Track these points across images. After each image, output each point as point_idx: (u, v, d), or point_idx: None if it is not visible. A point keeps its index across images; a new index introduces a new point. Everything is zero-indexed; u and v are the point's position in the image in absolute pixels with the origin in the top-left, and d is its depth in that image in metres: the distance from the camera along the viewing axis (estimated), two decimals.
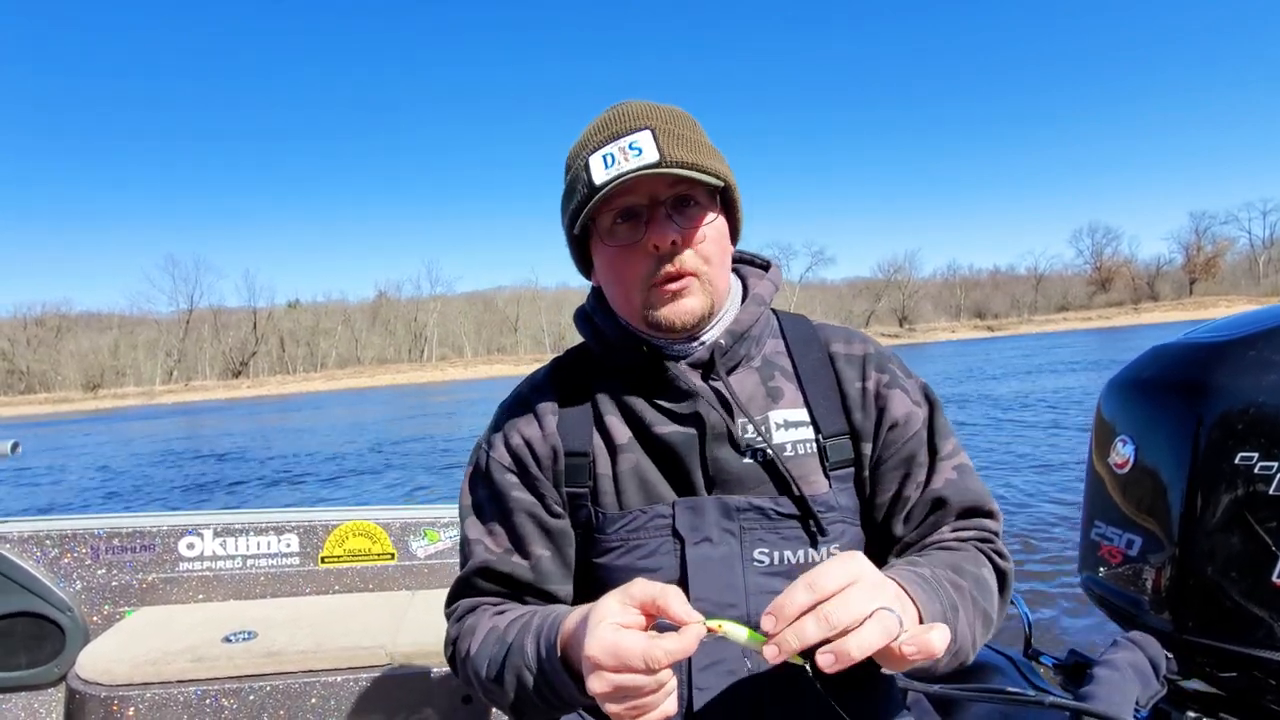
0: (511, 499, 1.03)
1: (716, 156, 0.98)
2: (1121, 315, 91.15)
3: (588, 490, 1.02)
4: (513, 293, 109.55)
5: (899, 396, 1.04)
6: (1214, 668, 1.35)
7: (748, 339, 1.03)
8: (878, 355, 1.08)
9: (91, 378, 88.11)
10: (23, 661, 2.04)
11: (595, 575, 1.02)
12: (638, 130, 0.93)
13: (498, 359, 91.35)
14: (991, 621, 0.98)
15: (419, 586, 2.24)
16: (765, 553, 0.97)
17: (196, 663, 1.77)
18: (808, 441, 1.01)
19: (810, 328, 1.12)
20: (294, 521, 2.20)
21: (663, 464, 1.01)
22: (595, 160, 0.93)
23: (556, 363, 1.13)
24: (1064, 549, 5.16)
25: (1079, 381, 19.22)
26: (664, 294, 0.96)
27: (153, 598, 2.15)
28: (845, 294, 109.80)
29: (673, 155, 0.92)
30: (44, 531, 2.12)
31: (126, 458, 17.90)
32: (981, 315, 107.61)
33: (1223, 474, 1.29)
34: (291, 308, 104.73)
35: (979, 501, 1.03)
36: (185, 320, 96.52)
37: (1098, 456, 1.57)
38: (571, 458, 1.02)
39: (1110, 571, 1.50)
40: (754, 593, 0.96)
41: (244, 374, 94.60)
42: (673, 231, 0.94)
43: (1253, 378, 1.29)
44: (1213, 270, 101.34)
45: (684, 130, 0.96)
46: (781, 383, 1.05)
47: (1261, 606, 1.24)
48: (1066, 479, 7.52)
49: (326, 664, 1.82)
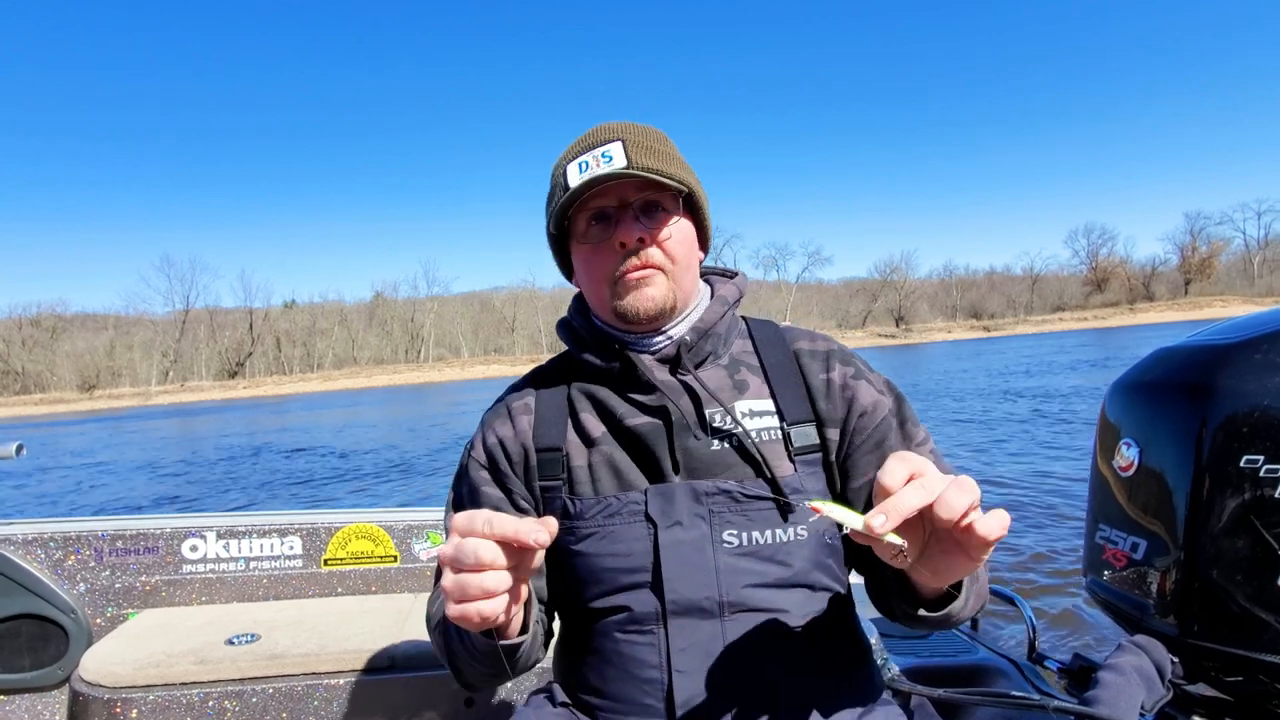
0: (482, 494, 1.11)
1: (683, 166, 1.08)
2: (1117, 316, 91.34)
3: (561, 482, 1.08)
4: (510, 293, 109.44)
5: (865, 387, 1.10)
6: (1220, 672, 1.35)
7: (713, 336, 1.11)
8: (840, 351, 1.15)
9: (87, 378, 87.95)
10: (26, 663, 2.04)
11: (572, 563, 1.07)
12: (610, 141, 1.03)
13: (495, 359, 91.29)
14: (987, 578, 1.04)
15: (422, 589, 2.24)
16: (734, 534, 1.03)
17: (199, 665, 1.77)
18: (772, 429, 1.07)
19: (776, 330, 1.19)
20: (297, 524, 2.20)
21: (634, 453, 1.07)
22: (571, 167, 1.04)
23: (537, 369, 1.22)
24: (1068, 552, 5.13)
25: (1081, 381, 19.24)
26: (629, 283, 1.05)
27: (156, 600, 2.15)
28: (842, 294, 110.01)
29: (640, 162, 1.01)
30: (48, 534, 2.12)
31: (123, 459, 17.88)
32: (977, 315, 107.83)
33: (1228, 477, 1.29)
34: (288, 308, 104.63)
35: None
36: (181, 321, 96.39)
37: (1102, 459, 1.57)
38: (544, 453, 1.10)
39: (1115, 575, 1.50)
40: (724, 572, 1.01)
41: (240, 375, 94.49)
42: (639, 229, 1.04)
43: (1259, 380, 1.29)
44: (1208, 271, 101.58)
45: (653, 143, 1.05)
46: (747, 376, 1.12)
47: (1268, 610, 1.24)
48: (1070, 481, 7.48)
49: (329, 666, 1.81)
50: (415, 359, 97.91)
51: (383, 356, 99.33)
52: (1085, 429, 10.60)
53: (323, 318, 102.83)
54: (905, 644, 1.75)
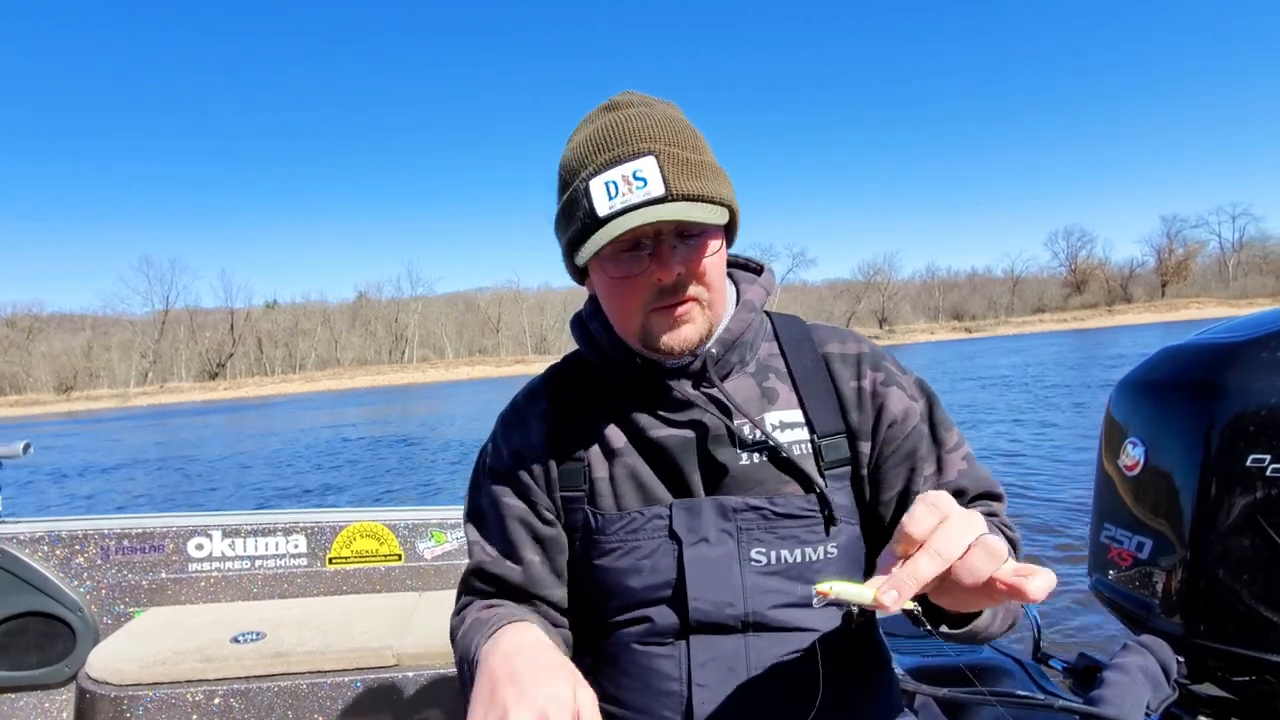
0: (504, 506, 1.06)
1: (720, 177, 0.96)
2: (1096, 317, 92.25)
3: (583, 494, 1.03)
4: (494, 293, 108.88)
5: (895, 393, 1.04)
6: (1226, 672, 1.35)
7: (740, 345, 1.04)
8: (872, 354, 1.08)
9: (64, 379, 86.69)
10: (34, 661, 2.04)
11: (594, 576, 1.03)
12: (641, 155, 0.90)
13: (479, 360, 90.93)
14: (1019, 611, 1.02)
15: (426, 588, 2.23)
16: (762, 552, 0.98)
17: (205, 663, 1.77)
18: (803, 442, 1.01)
19: (804, 329, 1.12)
20: (302, 523, 2.19)
21: (658, 467, 1.02)
22: (597, 186, 0.91)
23: (552, 371, 1.15)
24: (1074, 551, 5.14)
25: (1078, 379, 19.33)
26: (664, 320, 0.96)
27: (162, 598, 2.14)
28: (826, 295, 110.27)
29: (679, 189, 0.89)
30: (55, 532, 2.12)
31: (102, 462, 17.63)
32: (960, 317, 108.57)
33: (1235, 476, 1.29)
34: (269, 308, 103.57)
35: (990, 486, 1.05)
36: (160, 321, 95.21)
37: (1107, 458, 1.58)
38: (565, 463, 1.04)
39: (1121, 574, 1.51)
40: (752, 592, 0.97)
41: (221, 375, 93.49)
42: (677, 264, 0.92)
43: (1266, 379, 1.30)
44: (1184, 273, 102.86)
45: (688, 153, 0.93)
46: (776, 385, 1.05)
47: (1274, 610, 1.25)
48: (1075, 480, 7.47)
49: (334, 665, 1.81)
50: (399, 360, 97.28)
51: (366, 357, 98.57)
52: (1091, 427, 10.63)
53: (305, 318, 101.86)
54: (910, 643, 1.76)
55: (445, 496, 9.97)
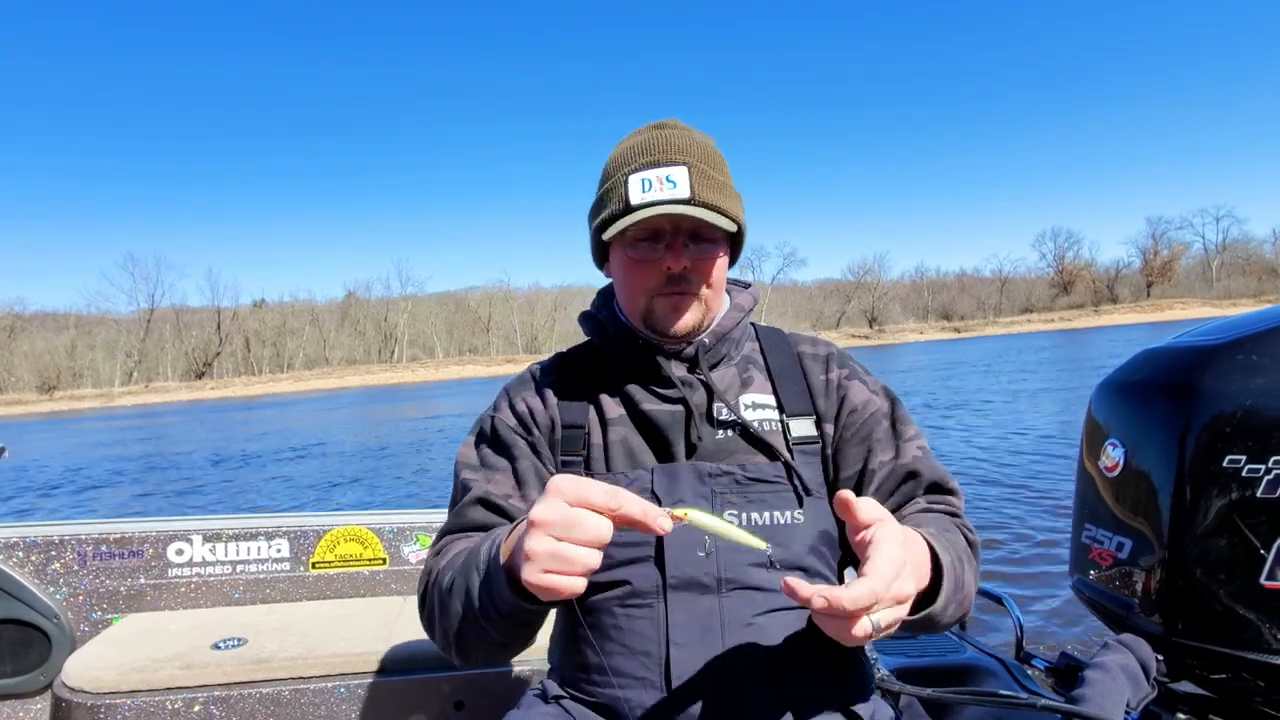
0: (518, 448, 1.16)
1: (737, 200, 1.14)
2: (1082, 317, 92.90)
3: (581, 459, 1.15)
4: (485, 293, 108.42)
5: (858, 386, 1.20)
6: (1204, 670, 1.37)
7: (728, 340, 1.20)
8: (840, 355, 1.25)
9: (47, 379, 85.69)
10: (8, 669, 2.00)
11: None
12: (676, 164, 1.08)
13: (470, 360, 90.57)
14: (974, 588, 1.07)
15: (411, 592, 2.21)
16: (735, 514, 1.09)
17: (185, 670, 1.74)
18: (772, 420, 1.16)
19: (782, 335, 1.29)
20: (284, 527, 2.17)
21: (648, 437, 1.15)
22: (634, 181, 1.09)
23: (561, 355, 1.29)
24: (1055, 552, 5.19)
25: (1061, 382, 19.48)
26: (667, 304, 1.13)
27: (140, 604, 2.11)
28: (816, 295, 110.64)
29: (701, 196, 1.07)
30: (30, 537, 2.07)
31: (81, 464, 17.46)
32: (948, 317, 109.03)
33: (1212, 477, 1.31)
34: (257, 307, 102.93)
35: (945, 478, 1.15)
36: (146, 320, 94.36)
37: (1088, 459, 1.60)
38: (568, 429, 1.17)
39: (1101, 574, 1.52)
40: (724, 549, 1.06)
41: (207, 375, 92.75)
42: (686, 259, 1.10)
43: (1241, 381, 1.31)
44: (1169, 274, 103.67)
45: (714, 172, 1.11)
46: (753, 374, 1.21)
47: (1251, 609, 1.27)
48: (1057, 481, 7.55)
49: (317, 671, 1.79)
50: (389, 359, 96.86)
51: (355, 357, 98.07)
52: (1071, 430, 10.70)
53: (293, 317, 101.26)
54: (894, 644, 1.77)
55: (430, 500, 9.90)
